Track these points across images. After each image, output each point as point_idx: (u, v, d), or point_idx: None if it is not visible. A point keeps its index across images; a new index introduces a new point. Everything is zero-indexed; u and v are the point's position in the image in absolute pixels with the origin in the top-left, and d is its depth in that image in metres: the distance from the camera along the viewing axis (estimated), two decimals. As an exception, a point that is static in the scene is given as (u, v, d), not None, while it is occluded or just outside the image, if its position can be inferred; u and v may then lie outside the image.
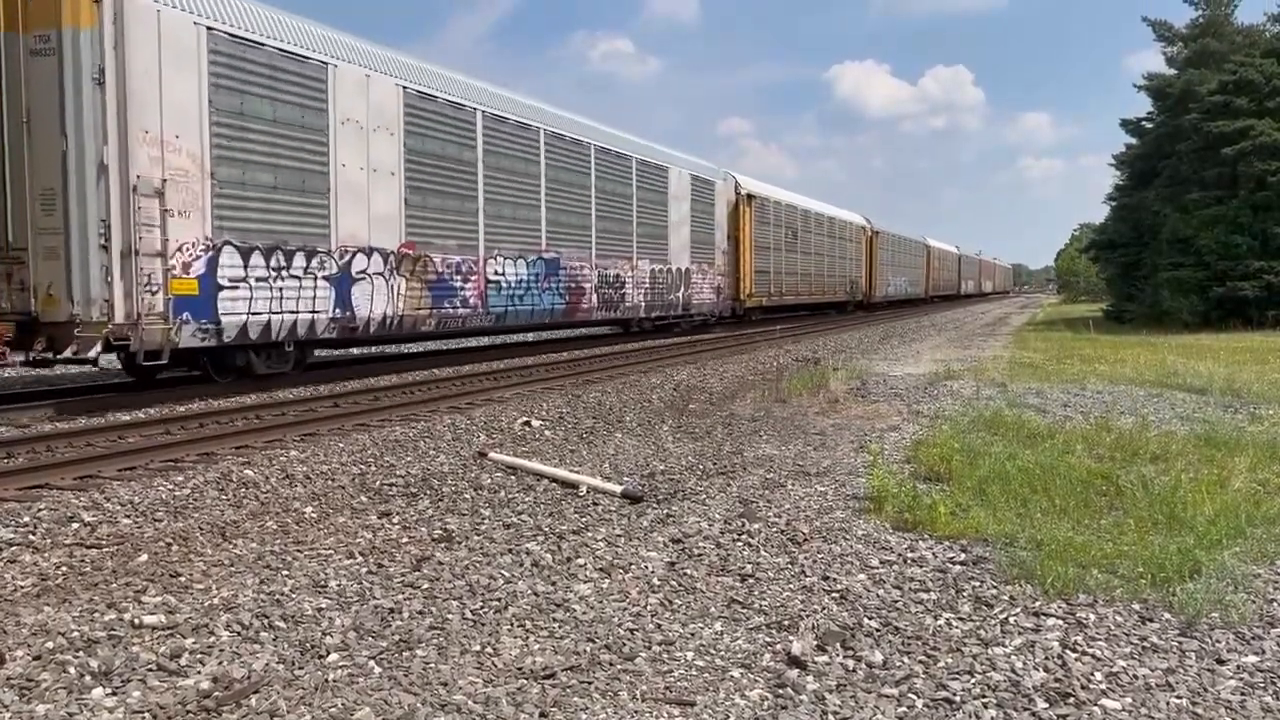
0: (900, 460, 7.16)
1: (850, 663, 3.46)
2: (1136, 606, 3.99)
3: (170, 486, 6.25)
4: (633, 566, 4.62)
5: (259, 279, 11.00)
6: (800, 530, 5.21)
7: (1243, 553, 4.64)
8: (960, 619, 3.90)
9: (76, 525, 5.31)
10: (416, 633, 3.74)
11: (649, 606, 4.07)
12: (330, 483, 6.51)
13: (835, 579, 4.41)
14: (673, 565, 4.65)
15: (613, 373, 14.08)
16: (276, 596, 4.12)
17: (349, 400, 10.65)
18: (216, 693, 3.16)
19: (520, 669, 3.41)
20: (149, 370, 10.56)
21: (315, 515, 5.62)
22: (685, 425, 9.13)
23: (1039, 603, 4.05)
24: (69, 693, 3.16)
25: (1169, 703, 3.15)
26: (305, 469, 6.89)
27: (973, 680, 3.30)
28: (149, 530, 5.24)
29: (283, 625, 3.79)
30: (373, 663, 3.45)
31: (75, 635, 3.62)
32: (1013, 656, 3.51)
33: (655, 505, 5.87)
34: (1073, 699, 3.16)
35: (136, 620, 3.78)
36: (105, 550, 4.84)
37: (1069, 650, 3.56)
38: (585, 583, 4.38)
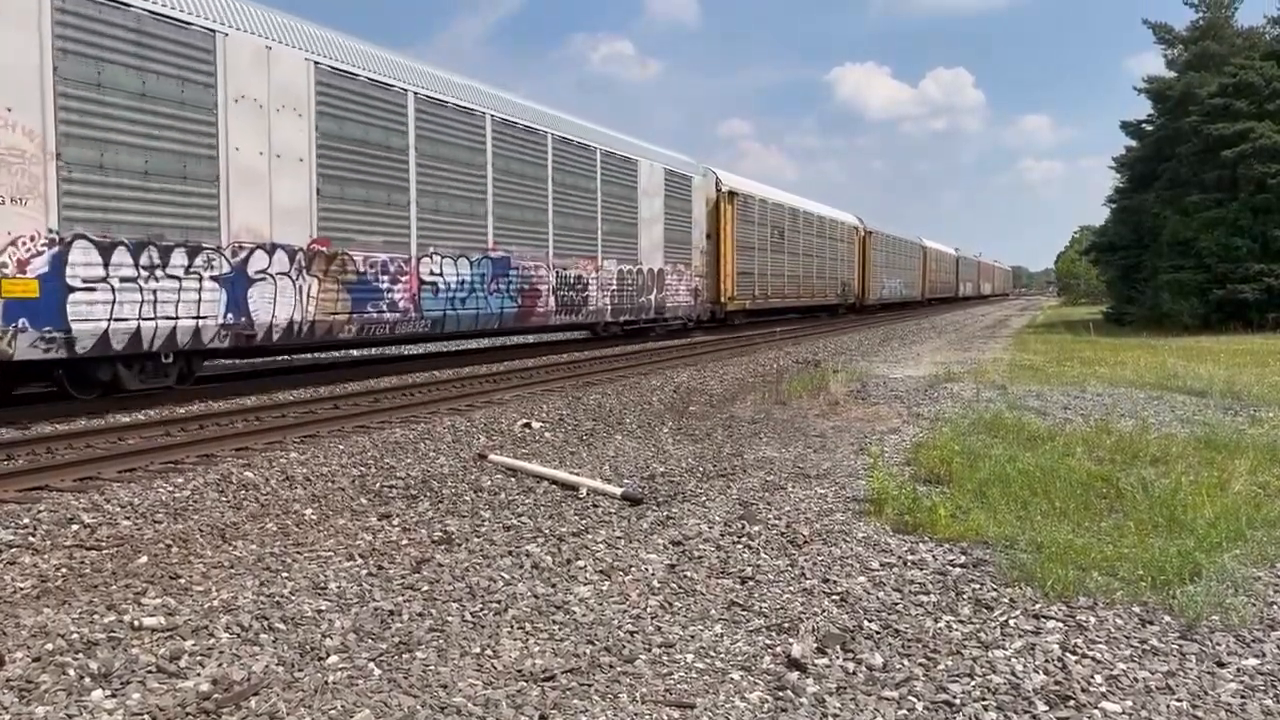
0: (900, 462, 7.16)
1: (850, 665, 3.46)
2: (1137, 609, 3.99)
3: (170, 488, 6.25)
4: (633, 569, 4.62)
5: (125, 279, 9.42)
6: (800, 532, 5.21)
7: (1243, 555, 4.64)
8: (960, 621, 3.90)
9: (76, 527, 5.31)
10: (416, 635, 3.74)
11: (649, 609, 4.07)
12: (330, 484, 6.51)
13: (835, 581, 4.40)
14: (673, 567, 4.64)
15: (613, 375, 14.08)
16: (276, 598, 4.12)
17: (349, 402, 10.65)
18: (216, 695, 3.16)
19: (520, 671, 3.41)
20: (4, 384, 9.58)
21: (315, 517, 5.62)
22: (685, 427, 9.13)
23: (1039, 605, 4.05)
24: (68, 695, 3.16)
25: (1169, 705, 3.15)
26: (305, 471, 6.89)
27: (973, 683, 3.30)
28: (149, 532, 5.24)
29: (282, 627, 3.79)
30: (372, 665, 3.45)
31: (75, 637, 3.61)
32: (1013, 659, 3.50)
33: (655, 507, 5.87)
34: (1073, 702, 3.15)
35: (136, 622, 3.78)
36: (105, 552, 4.84)
37: (1069, 653, 3.55)
38: (585, 585, 4.38)
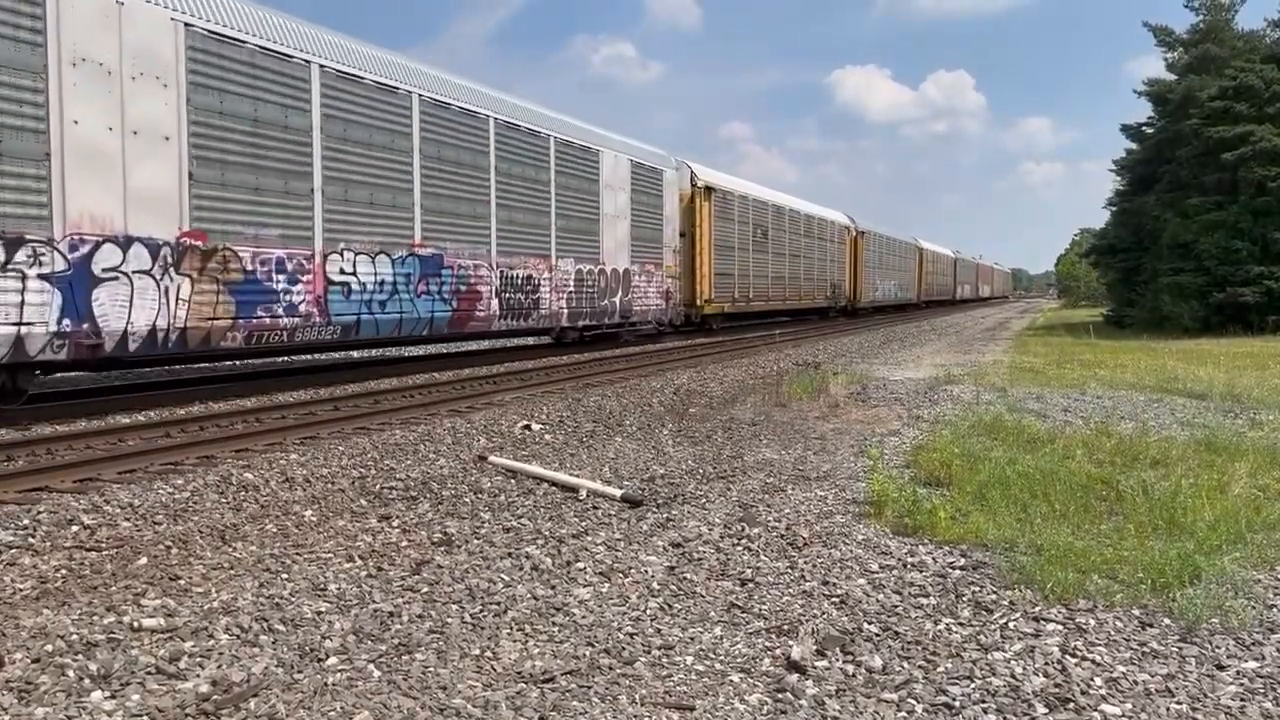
0: (900, 465, 7.16)
1: (850, 668, 3.46)
2: (1136, 612, 3.99)
3: (170, 489, 6.24)
4: (632, 570, 4.62)
5: None
6: (800, 535, 5.21)
7: (1243, 558, 4.64)
8: (960, 624, 3.90)
9: (76, 528, 5.31)
10: (416, 636, 3.74)
11: (649, 611, 4.07)
12: (330, 486, 6.51)
13: (835, 584, 4.40)
14: (672, 569, 4.64)
15: (613, 377, 14.08)
16: (276, 600, 4.12)
17: (349, 403, 10.65)
18: (215, 696, 3.16)
19: (520, 673, 3.41)
20: None
21: (315, 518, 5.62)
22: (685, 429, 9.13)
23: (1039, 608, 4.05)
24: (68, 696, 3.15)
25: (1169, 708, 3.15)
26: (305, 472, 6.89)
27: (972, 685, 3.30)
28: (148, 533, 5.24)
29: (282, 628, 3.79)
30: (372, 666, 3.45)
31: (74, 638, 3.61)
32: (1012, 662, 3.50)
33: (655, 509, 5.87)
34: (1073, 704, 3.15)
35: (136, 623, 3.77)
36: (104, 553, 4.84)
37: (1069, 655, 3.55)
38: (585, 587, 4.38)
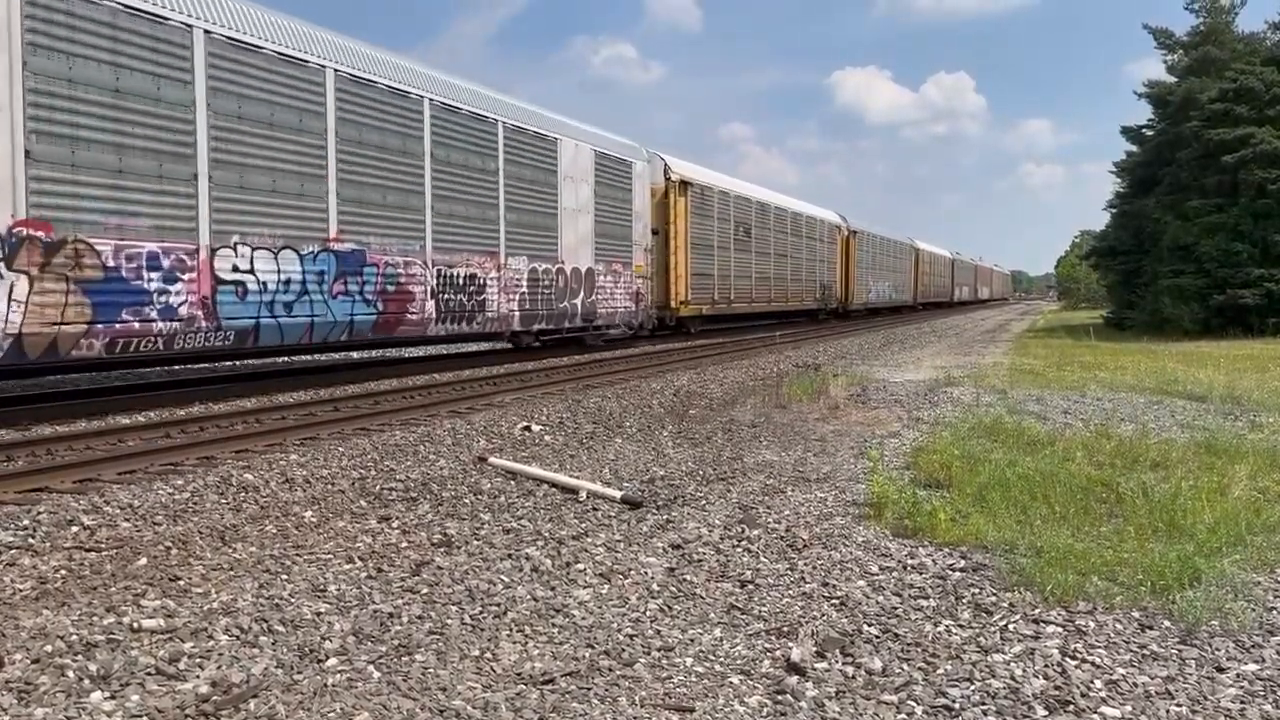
0: (900, 466, 7.16)
1: (850, 669, 3.46)
2: (1136, 614, 3.99)
3: (170, 490, 6.24)
4: (632, 572, 4.62)
5: None
6: (800, 536, 5.21)
7: (1243, 560, 4.63)
8: (960, 626, 3.89)
9: (76, 529, 5.31)
10: (416, 637, 3.74)
11: (648, 612, 4.07)
12: (330, 487, 6.51)
13: (835, 585, 4.40)
14: (672, 571, 4.64)
15: (613, 378, 14.09)
16: (276, 601, 4.11)
17: (349, 404, 10.65)
18: (215, 697, 3.16)
19: (519, 674, 3.41)
20: None
21: (315, 519, 5.62)
22: (685, 430, 9.13)
23: (1039, 610, 4.05)
24: (67, 696, 3.15)
25: (1169, 711, 3.15)
26: (305, 473, 6.89)
27: (972, 687, 3.30)
28: (148, 534, 5.24)
29: (282, 629, 3.79)
30: (372, 667, 3.45)
31: (74, 639, 3.61)
32: (1012, 664, 3.50)
33: (655, 511, 5.87)
34: (1072, 706, 3.15)
35: (135, 624, 3.77)
36: (104, 554, 4.84)
37: (1069, 658, 3.55)
38: (585, 588, 4.38)
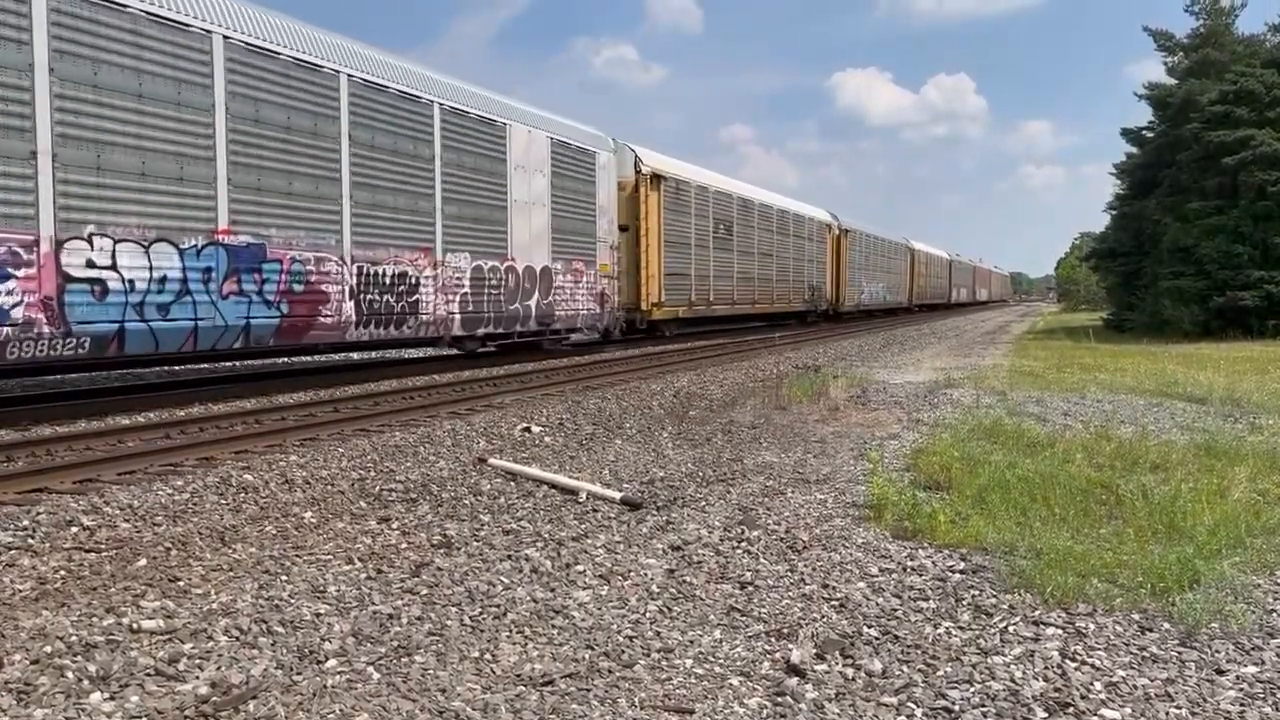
0: (900, 468, 7.16)
1: (849, 671, 3.46)
2: (1136, 616, 3.99)
3: (169, 491, 6.24)
4: (632, 573, 4.62)
5: None
6: (800, 538, 5.21)
7: (1242, 563, 4.63)
8: (960, 628, 3.89)
9: (75, 529, 5.31)
10: (415, 639, 3.74)
11: (648, 614, 4.07)
12: (330, 488, 6.51)
13: (835, 587, 4.40)
14: (672, 572, 4.64)
15: (613, 379, 14.09)
16: (275, 602, 4.11)
17: (349, 405, 10.65)
18: (214, 698, 3.16)
19: (519, 676, 3.41)
20: None
21: (314, 520, 5.62)
22: (685, 432, 9.13)
23: (1038, 612, 4.04)
24: (67, 697, 3.15)
25: (1168, 713, 3.15)
26: (305, 474, 6.89)
27: (972, 689, 3.30)
28: (148, 534, 5.24)
29: (281, 630, 3.79)
30: (371, 669, 3.45)
31: (73, 639, 3.61)
32: (1012, 665, 3.50)
33: (655, 512, 5.87)
34: (1072, 708, 3.15)
35: (135, 625, 3.77)
36: (104, 554, 4.83)
37: (1068, 659, 3.55)
38: (584, 589, 4.38)
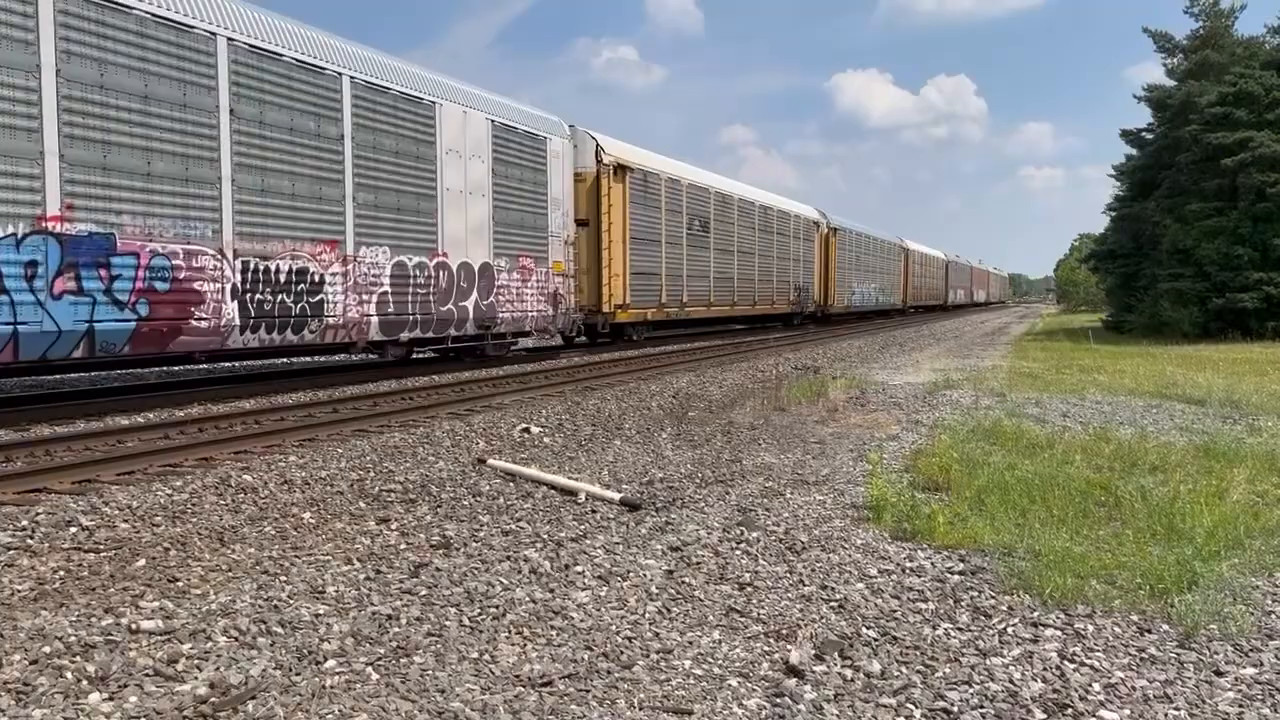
0: (899, 469, 7.16)
1: (848, 672, 3.46)
2: (1135, 617, 3.99)
3: (169, 491, 6.24)
4: (631, 574, 4.62)
5: None
6: (799, 539, 5.21)
7: (1241, 564, 4.64)
8: (958, 629, 3.90)
9: (74, 529, 5.31)
10: (414, 639, 3.74)
11: (647, 614, 4.07)
12: (329, 488, 6.51)
13: (833, 588, 4.40)
14: (671, 573, 4.64)
15: (612, 380, 14.09)
16: (274, 602, 4.11)
17: (348, 406, 10.65)
18: (213, 698, 3.16)
19: (518, 676, 3.41)
20: None
21: (313, 521, 5.62)
22: (684, 433, 9.13)
23: (1037, 613, 4.05)
24: (65, 697, 3.15)
25: (1167, 714, 3.15)
26: (304, 474, 6.89)
27: (971, 690, 3.30)
28: (147, 535, 5.24)
29: (280, 631, 3.79)
30: (370, 669, 3.45)
31: (72, 640, 3.61)
32: (1011, 667, 3.50)
33: (654, 513, 5.87)
34: (1071, 710, 3.15)
35: (134, 625, 3.77)
36: (103, 555, 4.83)
37: (1067, 661, 3.55)
38: (583, 590, 4.38)
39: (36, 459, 7.28)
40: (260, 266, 11.22)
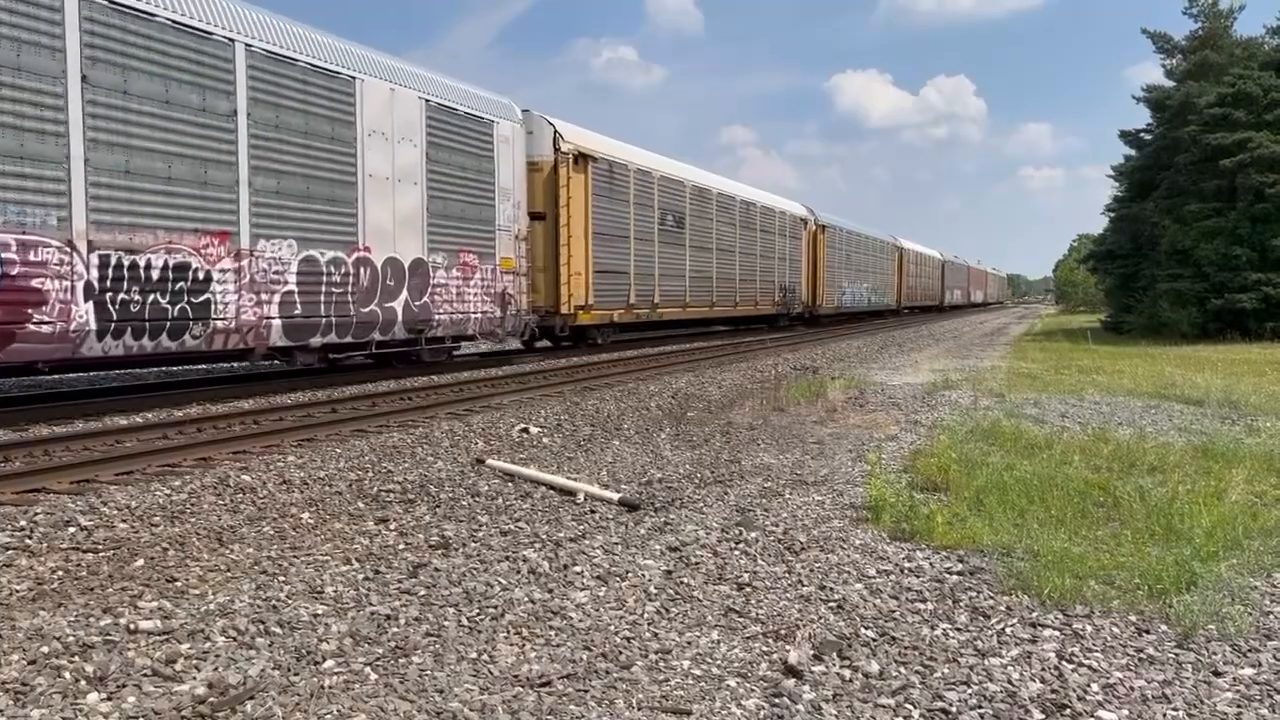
0: (898, 470, 7.16)
1: (847, 672, 3.46)
2: (1133, 618, 3.99)
3: (167, 491, 6.24)
4: (630, 574, 4.62)
5: None
6: (797, 539, 5.21)
7: (1239, 565, 4.64)
8: (957, 629, 3.90)
9: (73, 529, 5.30)
10: (413, 640, 3.74)
11: (646, 615, 4.07)
12: (327, 488, 6.51)
13: (832, 588, 4.41)
14: (670, 574, 4.64)
15: (611, 380, 14.09)
16: (273, 602, 4.11)
17: (347, 406, 10.64)
18: (212, 699, 3.16)
19: (517, 677, 3.41)
20: None
21: (312, 521, 5.62)
22: (683, 433, 9.13)
23: (1036, 613, 4.05)
24: (64, 697, 3.15)
25: (1165, 714, 3.15)
26: (303, 474, 6.88)
27: (969, 690, 3.30)
28: (145, 535, 5.24)
29: (279, 631, 3.79)
30: (369, 669, 3.45)
31: (71, 640, 3.61)
32: (1009, 667, 3.51)
33: (653, 513, 5.87)
34: (1069, 710, 3.15)
35: (132, 625, 3.77)
36: (101, 555, 4.83)
37: (1065, 661, 3.56)
38: (582, 590, 4.38)
39: (35, 459, 7.28)
40: (125, 261, 9.52)
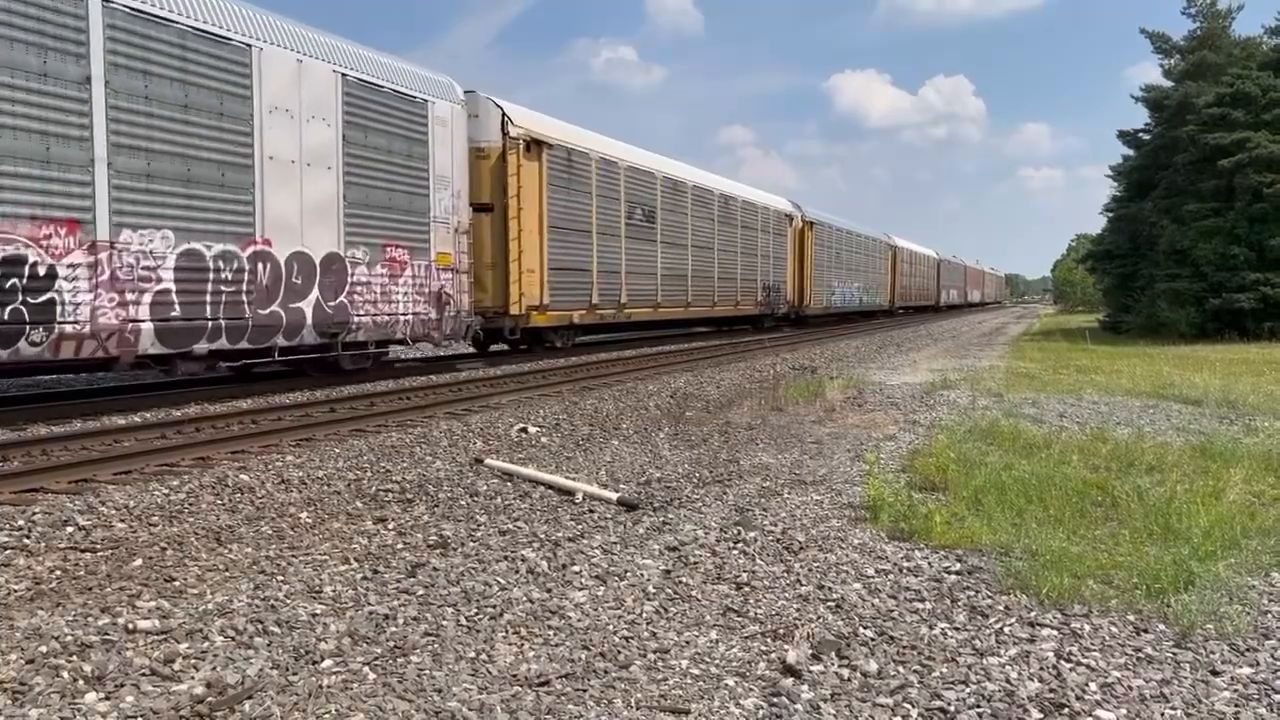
0: (896, 469, 7.16)
1: (845, 672, 3.46)
2: (1131, 617, 4.00)
3: (165, 491, 6.24)
4: (628, 574, 4.62)
5: None
6: (796, 539, 5.21)
7: (1237, 564, 4.65)
8: (955, 628, 3.90)
9: (71, 529, 5.30)
10: (411, 639, 3.73)
11: (644, 614, 4.07)
12: (326, 488, 6.50)
13: (830, 588, 4.41)
14: (668, 573, 4.64)
15: (610, 380, 14.09)
16: (271, 602, 4.11)
17: (345, 406, 10.64)
18: (210, 698, 3.15)
19: (515, 676, 3.41)
20: None
21: (310, 521, 5.61)
22: (682, 433, 9.13)
23: (1034, 613, 4.05)
24: (62, 697, 3.15)
25: (1163, 714, 3.15)
26: (301, 474, 6.88)
27: (968, 690, 3.31)
28: (144, 534, 5.23)
29: (277, 631, 3.78)
30: (367, 669, 3.44)
31: (69, 639, 3.61)
32: (1007, 666, 3.51)
33: (651, 513, 5.87)
34: (1067, 709, 3.16)
35: (130, 625, 3.77)
36: (99, 554, 4.83)
37: (1064, 660, 3.56)
38: (581, 590, 4.38)
39: (33, 458, 7.27)
40: None
